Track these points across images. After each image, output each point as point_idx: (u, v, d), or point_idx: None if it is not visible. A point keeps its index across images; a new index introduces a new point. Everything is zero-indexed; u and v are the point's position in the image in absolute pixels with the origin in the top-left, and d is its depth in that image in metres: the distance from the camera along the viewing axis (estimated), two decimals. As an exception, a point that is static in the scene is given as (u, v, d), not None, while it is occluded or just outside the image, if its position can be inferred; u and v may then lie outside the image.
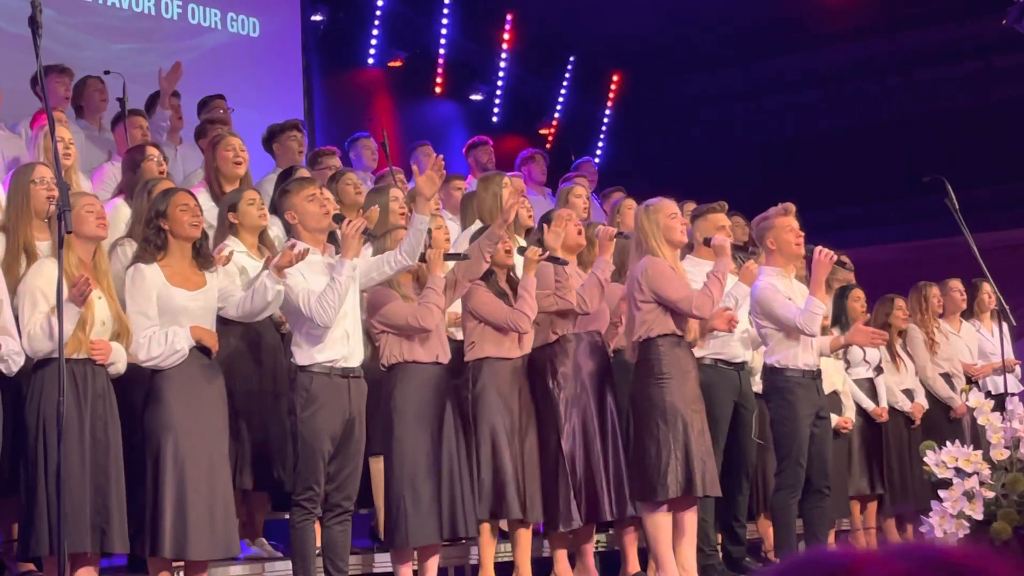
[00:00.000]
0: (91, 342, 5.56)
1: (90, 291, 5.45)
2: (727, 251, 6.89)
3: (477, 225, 7.56)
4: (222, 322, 6.24)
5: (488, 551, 6.87)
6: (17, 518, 5.91)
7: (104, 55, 10.08)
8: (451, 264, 6.78)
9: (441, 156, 6.50)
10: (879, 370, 9.21)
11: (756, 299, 7.17)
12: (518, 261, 7.12)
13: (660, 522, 6.75)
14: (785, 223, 7.20)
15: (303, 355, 6.10)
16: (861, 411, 9.13)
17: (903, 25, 13.97)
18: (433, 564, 6.57)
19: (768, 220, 7.27)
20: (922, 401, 9.44)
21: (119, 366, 5.73)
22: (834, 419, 8.66)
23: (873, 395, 9.19)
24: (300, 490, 6.11)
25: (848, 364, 9.09)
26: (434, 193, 6.51)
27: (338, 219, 6.31)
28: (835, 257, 7.14)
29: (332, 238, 6.60)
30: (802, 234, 7.21)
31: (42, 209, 6.03)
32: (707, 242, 7.12)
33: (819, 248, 7.05)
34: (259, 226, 6.67)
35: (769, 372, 7.28)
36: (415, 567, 6.59)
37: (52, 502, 5.27)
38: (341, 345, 6.11)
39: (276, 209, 7.17)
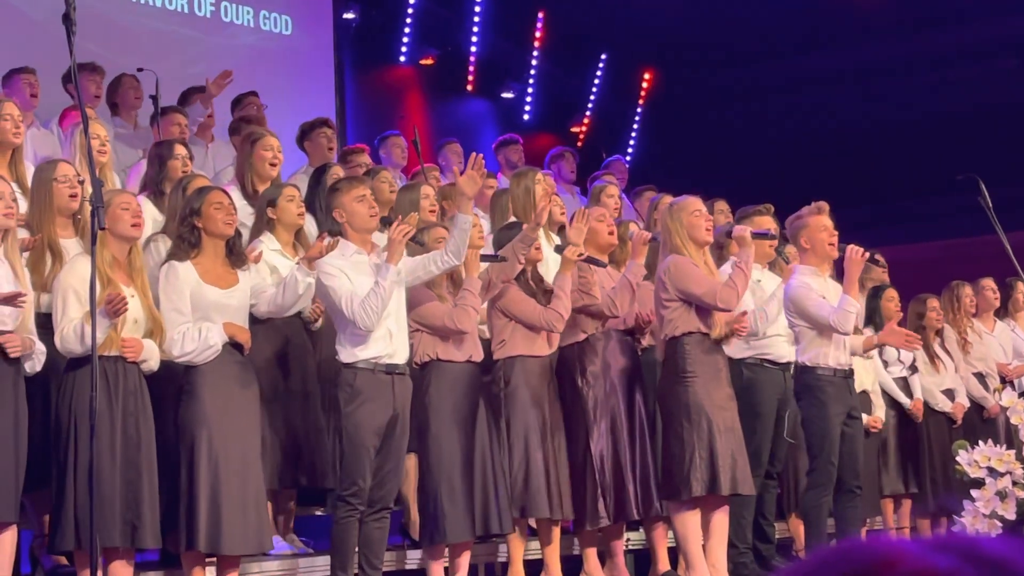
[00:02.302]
0: (122, 340, 5.59)
1: (124, 311, 5.47)
2: (748, 241, 6.87)
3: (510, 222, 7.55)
4: (253, 322, 6.27)
5: (518, 549, 6.87)
6: (48, 512, 5.95)
7: (137, 53, 10.11)
8: (485, 264, 6.78)
9: (481, 156, 6.47)
10: (913, 369, 9.16)
11: (789, 298, 7.15)
12: (553, 258, 7.12)
13: (688, 521, 6.74)
14: (818, 222, 7.17)
15: (347, 353, 6.11)
16: (896, 409, 9.09)
17: (937, 22, 13.88)
18: (465, 561, 6.58)
19: (801, 219, 7.24)
20: (963, 400, 9.38)
21: (151, 363, 5.76)
22: (865, 419, 8.64)
23: (908, 394, 9.14)
24: (346, 485, 6.10)
25: (886, 364, 9.05)
26: (476, 192, 6.51)
27: (386, 222, 6.30)
28: (867, 255, 7.10)
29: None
30: (836, 233, 7.18)
31: (65, 207, 6.05)
32: (728, 234, 7.11)
33: (851, 246, 7.02)
34: (296, 224, 6.68)
35: (801, 371, 7.26)
36: (446, 564, 6.60)
37: (82, 497, 5.31)
38: (384, 343, 6.11)
39: (310, 206, 7.19)
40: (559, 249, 7.02)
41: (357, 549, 6.29)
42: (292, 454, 6.61)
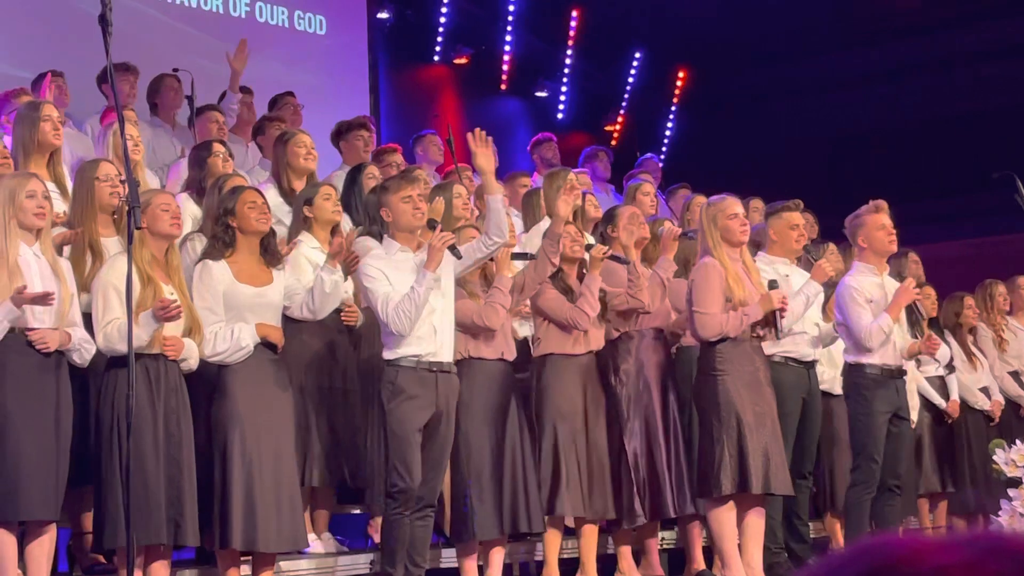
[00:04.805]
0: (164, 338, 5.62)
1: (176, 318, 5.50)
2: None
3: (545, 221, 7.55)
4: (294, 321, 6.30)
5: (553, 547, 6.88)
6: (88, 510, 5.99)
7: (171, 53, 10.17)
8: (519, 265, 6.79)
9: (483, 131, 6.49)
10: (951, 368, 9.11)
11: (838, 294, 7.18)
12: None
13: (724, 519, 6.72)
14: (876, 220, 7.19)
15: (390, 350, 6.11)
16: (931, 409, 9.05)
17: (971, 19, 13.81)
18: (497, 557, 6.59)
19: (859, 218, 7.25)
20: (999, 398, 9.33)
21: (191, 363, 5.79)
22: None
23: (944, 394, 9.09)
24: (394, 482, 6.06)
25: (919, 363, 9.00)
26: (493, 165, 6.51)
27: (431, 225, 6.32)
28: (919, 297, 7.14)
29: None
30: (894, 232, 7.20)
31: (107, 205, 6.11)
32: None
33: (909, 280, 7.07)
34: (332, 221, 6.73)
35: (848, 369, 7.28)
36: (480, 562, 6.61)
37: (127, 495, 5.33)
38: (428, 341, 6.10)
39: (346, 205, 7.22)
40: (587, 248, 7.04)
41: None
42: (336, 452, 6.63)
